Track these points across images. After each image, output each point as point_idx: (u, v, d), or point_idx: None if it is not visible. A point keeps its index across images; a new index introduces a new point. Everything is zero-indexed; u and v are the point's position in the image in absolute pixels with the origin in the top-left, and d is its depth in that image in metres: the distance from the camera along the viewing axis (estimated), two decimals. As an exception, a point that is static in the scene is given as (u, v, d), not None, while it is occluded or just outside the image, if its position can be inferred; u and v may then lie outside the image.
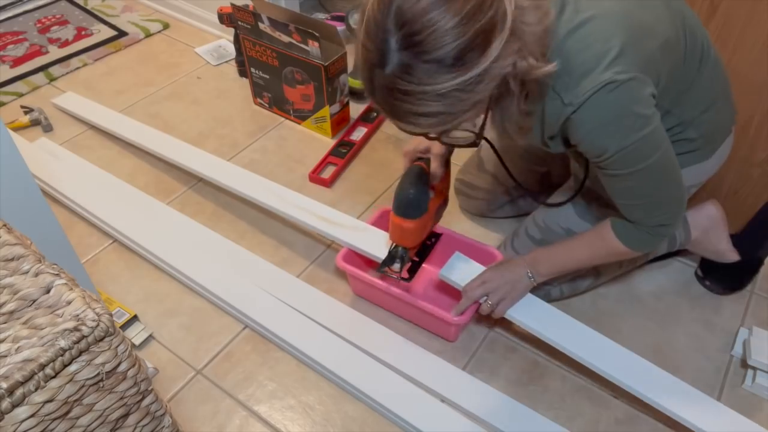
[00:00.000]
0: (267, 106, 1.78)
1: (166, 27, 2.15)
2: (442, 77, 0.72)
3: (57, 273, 0.66)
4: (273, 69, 1.65)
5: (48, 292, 0.65)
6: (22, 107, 1.75)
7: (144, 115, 1.77)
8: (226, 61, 1.98)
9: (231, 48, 1.98)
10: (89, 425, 0.66)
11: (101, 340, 0.62)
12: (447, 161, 1.11)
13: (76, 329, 0.60)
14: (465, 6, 0.69)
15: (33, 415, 0.58)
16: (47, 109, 1.76)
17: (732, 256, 1.25)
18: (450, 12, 0.69)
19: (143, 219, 1.42)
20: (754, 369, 1.13)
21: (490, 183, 1.38)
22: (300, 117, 1.72)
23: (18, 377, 0.56)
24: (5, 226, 0.72)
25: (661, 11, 0.89)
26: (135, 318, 1.22)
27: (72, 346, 0.59)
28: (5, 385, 0.55)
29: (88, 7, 2.26)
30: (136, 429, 0.73)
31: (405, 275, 1.13)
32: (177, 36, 2.12)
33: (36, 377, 0.57)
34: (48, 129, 1.71)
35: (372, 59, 0.73)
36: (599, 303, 1.28)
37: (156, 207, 1.46)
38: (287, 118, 1.76)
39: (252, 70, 1.71)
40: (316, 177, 1.56)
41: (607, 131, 0.85)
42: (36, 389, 0.57)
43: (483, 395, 1.10)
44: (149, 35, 2.11)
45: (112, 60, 2.01)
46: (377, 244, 1.21)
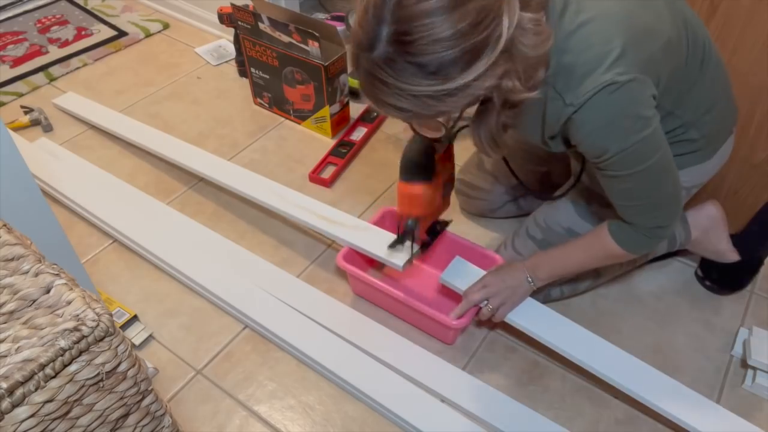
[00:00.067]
0: (267, 106, 1.78)
1: (166, 27, 2.15)
2: (418, 81, 0.73)
3: (57, 273, 0.66)
4: (273, 69, 1.65)
5: (48, 292, 0.65)
6: (22, 107, 1.75)
7: (144, 115, 1.77)
8: (226, 61, 1.98)
9: (231, 48, 1.98)
10: (89, 425, 0.66)
11: (101, 340, 0.62)
12: (450, 138, 1.11)
13: (76, 329, 0.60)
14: (463, 20, 0.70)
15: (33, 415, 0.58)
16: (47, 109, 1.76)
17: (732, 256, 1.25)
18: (448, 22, 0.70)
19: (143, 219, 1.42)
20: (754, 369, 1.13)
21: (490, 183, 1.38)
22: (300, 117, 1.72)
23: (18, 377, 0.56)
24: (5, 226, 0.72)
25: (663, 11, 0.89)
26: (135, 318, 1.22)
27: (72, 346, 0.59)
28: (5, 385, 0.55)
29: (88, 7, 2.26)
30: (136, 429, 0.73)
31: (413, 256, 1.14)
32: (177, 36, 2.12)
33: (36, 377, 0.57)
34: (48, 129, 1.71)
35: (362, 41, 0.75)
36: (599, 303, 1.28)
37: (156, 207, 1.46)
38: (287, 118, 1.76)
39: (252, 70, 1.71)
40: (316, 177, 1.56)
41: (608, 132, 0.85)
42: (36, 389, 0.57)
43: (483, 395, 1.10)
44: (149, 35, 2.11)
45: (112, 60, 2.01)
46: (379, 243, 1.21)
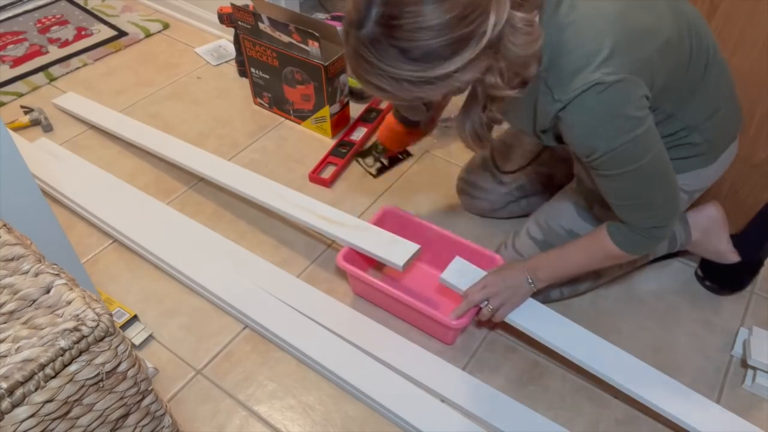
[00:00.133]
0: (267, 106, 1.78)
1: (166, 27, 2.15)
2: (400, 65, 0.76)
3: (57, 273, 0.66)
4: (273, 69, 1.65)
5: (48, 292, 0.65)
6: (22, 107, 1.75)
7: (144, 115, 1.77)
8: (226, 61, 1.98)
9: (231, 48, 1.98)
10: (89, 425, 0.66)
11: (101, 340, 0.62)
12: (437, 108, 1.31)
13: (76, 329, 0.60)
14: (451, 12, 0.72)
15: (33, 415, 0.58)
16: (47, 109, 1.76)
17: (732, 257, 1.25)
18: (436, 12, 0.71)
19: (143, 219, 1.42)
20: (754, 369, 1.13)
21: (492, 183, 1.38)
22: (300, 117, 1.72)
23: (18, 377, 0.56)
24: (5, 226, 0.72)
25: (665, 12, 0.89)
26: (135, 318, 1.22)
27: (72, 346, 0.59)
28: (5, 385, 0.55)
29: (88, 7, 2.26)
30: (136, 429, 0.73)
31: (374, 172, 1.43)
32: (177, 36, 2.12)
33: (36, 377, 0.57)
34: (48, 129, 1.71)
35: (352, 18, 0.77)
36: (599, 303, 1.28)
37: (156, 207, 1.46)
38: (287, 118, 1.76)
39: (252, 70, 1.71)
40: (316, 177, 1.56)
41: (597, 132, 0.86)
42: (36, 389, 0.57)
43: (483, 395, 1.10)
44: (149, 35, 2.11)
45: (112, 60, 2.01)
46: (379, 243, 1.21)
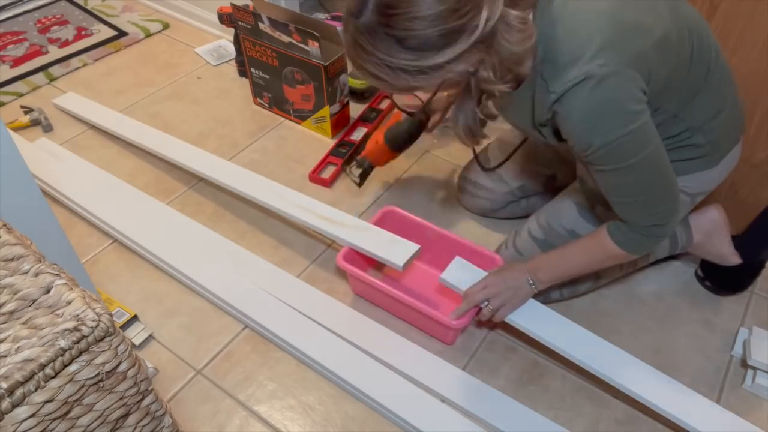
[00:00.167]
0: (267, 106, 1.78)
1: (166, 27, 2.15)
2: (395, 53, 0.78)
3: (57, 273, 0.66)
4: (273, 69, 1.65)
5: (48, 292, 0.65)
6: (22, 107, 1.75)
7: (144, 115, 1.77)
8: (226, 61, 1.98)
9: (231, 48, 1.98)
10: (89, 425, 0.66)
11: (101, 340, 0.62)
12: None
13: (76, 329, 0.60)
14: (444, 4, 0.74)
15: (33, 415, 0.58)
16: (47, 109, 1.76)
17: (734, 259, 1.25)
18: (430, 3, 0.74)
19: (143, 219, 1.42)
20: (754, 369, 1.13)
21: (494, 182, 1.38)
22: (300, 117, 1.72)
23: (18, 377, 0.56)
24: (5, 226, 0.72)
25: (663, 12, 0.89)
26: (135, 318, 1.22)
27: (72, 346, 0.59)
28: (5, 385, 0.55)
29: (88, 7, 2.26)
30: (136, 429, 0.73)
31: (357, 180, 1.48)
32: (177, 36, 2.12)
33: (36, 377, 0.57)
34: (48, 129, 1.71)
35: (351, 7, 0.79)
36: (599, 303, 1.28)
37: (156, 207, 1.46)
38: (287, 118, 1.76)
39: (252, 70, 1.71)
40: (316, 177, 1.56)
41: (592, 126, 0.86)
42: (36, 389, 0.57)
43: (483, 395, 1.10)
44: (149, 35, 2.11)
45: (112, 60, 2.01)
46: (379, 243, 1.21)
